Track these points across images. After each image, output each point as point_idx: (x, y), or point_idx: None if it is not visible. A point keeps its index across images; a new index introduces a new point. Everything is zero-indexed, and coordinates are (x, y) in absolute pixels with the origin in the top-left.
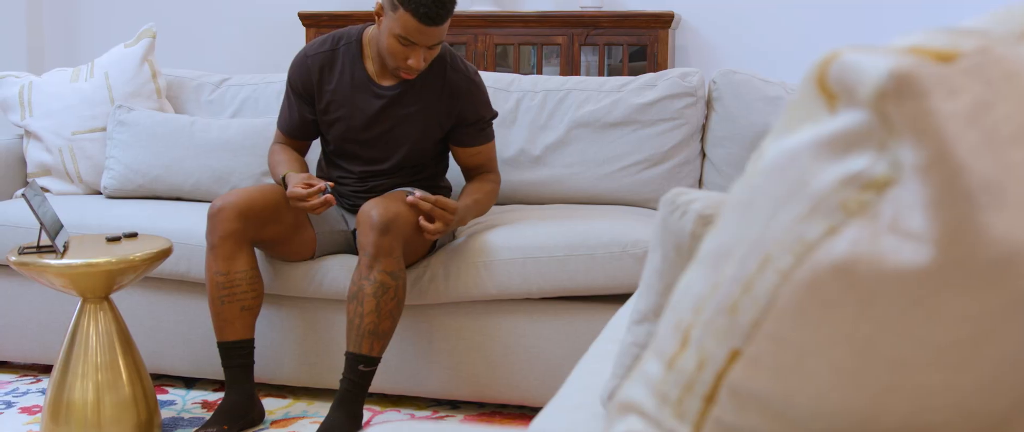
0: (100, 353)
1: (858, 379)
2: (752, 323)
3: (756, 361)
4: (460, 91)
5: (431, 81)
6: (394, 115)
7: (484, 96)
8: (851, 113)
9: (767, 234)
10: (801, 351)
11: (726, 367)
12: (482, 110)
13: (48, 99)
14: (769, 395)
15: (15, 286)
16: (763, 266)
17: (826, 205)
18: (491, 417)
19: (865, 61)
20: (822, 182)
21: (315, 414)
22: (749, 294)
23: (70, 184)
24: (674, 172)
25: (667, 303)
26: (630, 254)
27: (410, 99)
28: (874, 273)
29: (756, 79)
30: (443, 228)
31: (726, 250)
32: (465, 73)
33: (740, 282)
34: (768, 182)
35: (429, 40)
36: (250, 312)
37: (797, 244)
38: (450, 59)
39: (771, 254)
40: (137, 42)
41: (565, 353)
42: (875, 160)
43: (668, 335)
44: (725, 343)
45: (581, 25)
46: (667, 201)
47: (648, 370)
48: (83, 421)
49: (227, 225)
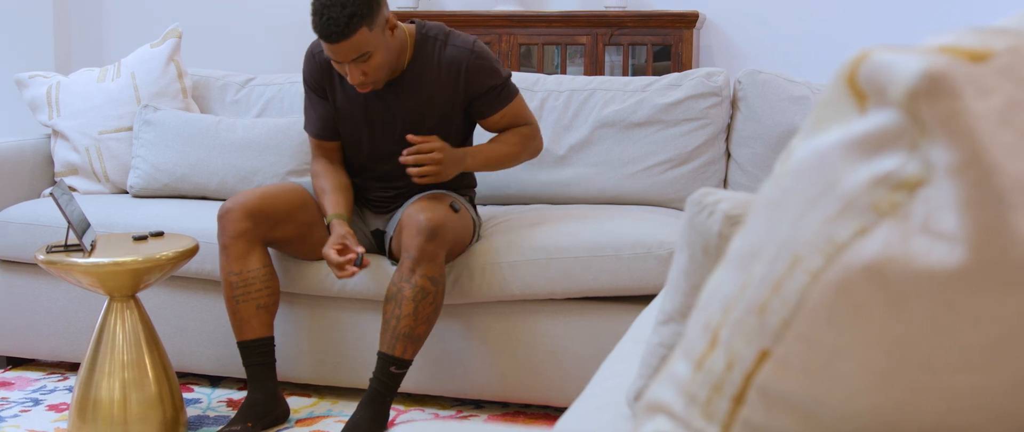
0: (127, 351)
1: (888, 380)
2: (781, 324)
3: (785, 362)
4: (460, 66)
5: (427, 66)
6: (396, 107)
7: (488, 62)
8: (882, 113)
9: (797, 234)
10: (831, 352)
11: (755, 368)
12: (490, 77)
13: (75, 99)
14: (798, 396)
15: (43, 285)
16: (793, 267)
17: (857, 205)
18: (515, 417)
19: (897, 61)
20: (853, 182)
21: (340, 413)
22: (778, 295)
23: (97, 183)
24: (699, 172)
25: (695, 303)
26: (655, 255)
27: (410, 89)
28: (905, 274)
29: (781, 79)
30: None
31: (755, 250)
32: (462, 46)
33: (769, 282)
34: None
35: (344, 55)
36: (266, 310)
37: (827, 244)
38: (443, 37)
39: (801, 255)
40: (163, 42)
41: (589, 353)
42: (906, 160)
43: (696, 335)
44: (754, 344)
45: (605, 25)
46: (694, 201)
47: (676, 370)
48: (110, 419)
49: (236, 225)
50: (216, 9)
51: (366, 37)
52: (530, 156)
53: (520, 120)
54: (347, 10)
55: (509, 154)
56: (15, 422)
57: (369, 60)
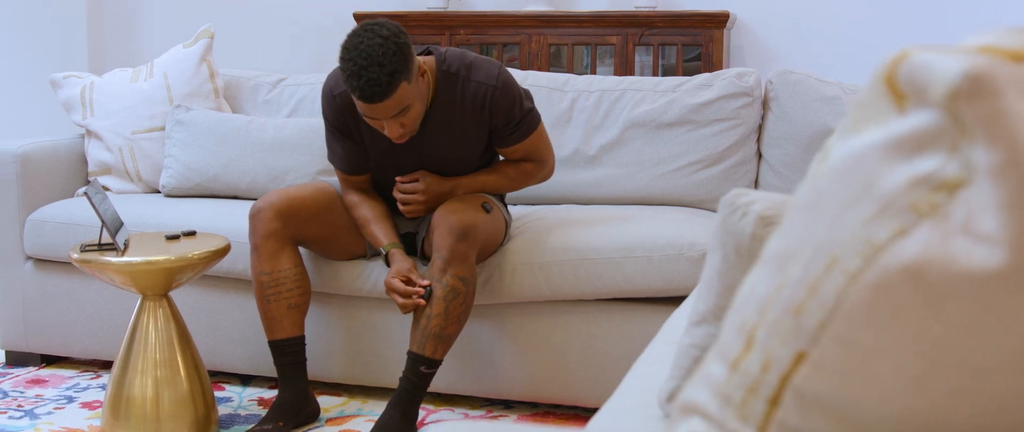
0: (159, 350)
1: (925, 382)
2: (818, 325)
3: (822, 363)
4: (482, 100)
5: (448, 99)
6: (423, 145)
7: (511, 95)
8: (922, 113)
9: (834, 235)
10: (868, 354)
11: (791, 369)
12: (511, 110)
13: (109, 99)
14: (835, 398)
15: (77, 283)
16: (830, 268)
17: (895, 206)
18: (544, 417)
19: (937, 61)
20: (891, 183)
21: (369, 412)
22: (815, 296)
23: (129, 183)
24: (730, 173)
25: (729, 304)
26: (686, 256)
27: (437, 126)
28: (945, 276)
29: (813, 79)
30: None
31: (791, 251)
32: (484, 81)
33: (806, 284)
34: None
35: (380, 114)
36: (297, 310)
37: (865, 246)
38: (466, 72)
39: (838, 256)
40: (195, 42)
41: (620, 354)
42: (946, 161)
43: (732, 337)
44: (790, 345)
45: (635, 25)
46: (727, 202)
47: (711, 372)
48: (142, 417)
49: (267, 225)
50: (248, 10)
51: (406, 91)
52: (530, 185)
53: (534, 154)
54: (387, 68)
55: (504, 186)
56: (49, 419)
57: (408, 112)
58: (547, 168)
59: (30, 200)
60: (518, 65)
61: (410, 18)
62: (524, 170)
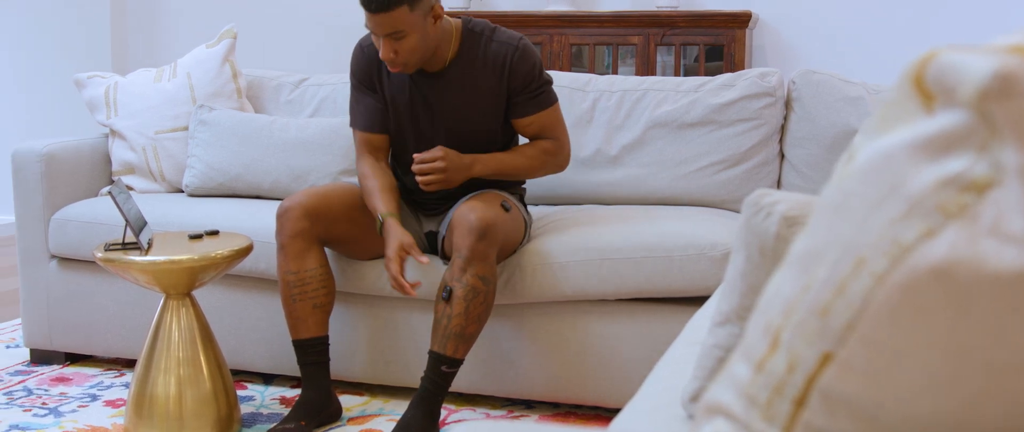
0: (182, 348)
1: (952, 384)
2: (845, 326)
3: (848, 364)
4: (503, 60)
5: (472, 60)
6: (440, 102)
7: (532, 60)
8: (951, 113)
9: (861, 236)
10: (895, 355)
11: (817, 370)
12: (531, 76)
13: (132, 99)
14: (861, 399)
15: (101, 282)
16: (857, 268)
17: (923, 207)
18: (565, 417)
19: (966, 61)
20: (919, 183)
21: (391, 411)
22: (842, 297)
23: (153, 182)
24: (752, 173)
25: (753, 305)
26: (708, 257)
27: (455, 84)
28: (973, 277)
29: (836, 79)
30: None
31: (817, 252)
32: (507, 42)
33: (832, 284)
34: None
35: (380, 28)
36: (322, 310)
37: (892, 246)
38: (489, 32)
39: (865, 256)
40: (218, 43)
41: (641, 355)
42: (975, 161)
43: (757, 337)
44: (816, 346)
45: (657, 25)
46: (751, 202)
47: (736, 372)
48: (165, 415)
49: (295, 225)
50: (270, 10)
51: (405, 16)
52: (549, 172)
53: (549, 132)
54: None
55: (522, 167)
56: (73, 417)
57: (403, 39)
58: (564, 152)
59: (55, 199)
60: None
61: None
62: (541, 148)
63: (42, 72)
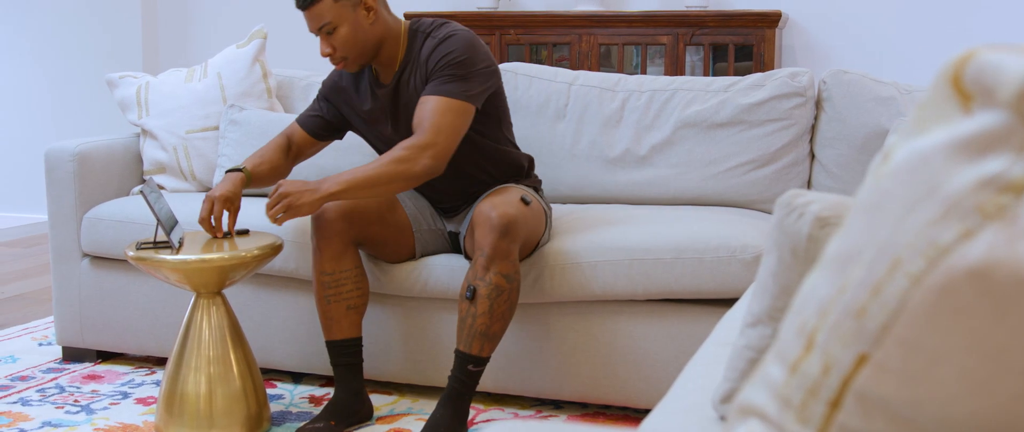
0: (212, 347)
1: (990, 386)
2: (881, 327)
3: (884, 366)
4: (429, 54)
5: (415, 60)
6: (398, 104)
7: (449, 48)
8: (989, 114)
9: (897, 237)
10: (931, 357)
11: (853, 372)
12: (443, 60)
13: (163, 99)
14: (897, 401)
15: (132, 280)
16: (893, 270)
17: (961, 208)
18: (594, 418)
19: (1005, 61)
20: (957, 184)
21: (420, 411)
22: (878, 298)
23: (184, 181)
24: (782, 173)
25: (785, 306)
26: (738, 259)
27: (404, 85)
28: (1011, 278)
29: (867, 79)
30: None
31: (853, 253)
32: (438, 37)
33: (868, 286)
34: (898, 184)
35: (312, 24)
36: (356, 311)
37: (929, 248)
38: (429, 30)
39: (901, 258)
40: (249, 43)
41: (670, 355)
42: (1014, 162)
43: (791, 339)
44: (852, 347)
45: (686, 25)
46: (783, 203)
47: (770, 374)
48: (196, 413)
49: (332, 226)
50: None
51: (329, 8)
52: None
53: (426, 120)
54: None
55: (374, 176)
56: (105, 414)
57: (334, 32)
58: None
59: (87, 198)
60: (568, 65)
61: (460, 18)
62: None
63: (74, 72)
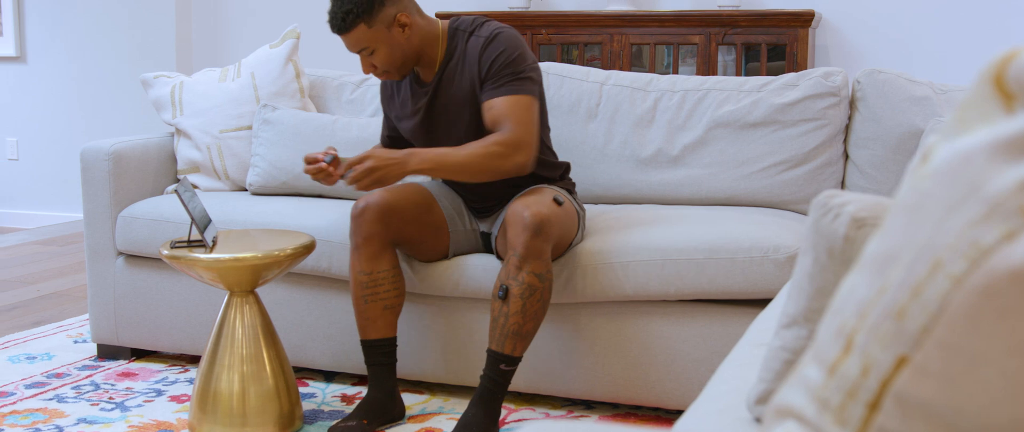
0: (246, 345)
1: None
2: (921, 329)
3: (925, 369)
4: (476, 53)
5: (456, 59)
6: (436, 105)
7: (502, 46)
8: None
9: (938, 238)
10: (973, 359)
11: (892, 374)
12: (496, 62)
13: (197, 98)
14: (938, 404)
15: (166, 279)
16: (934, 271)
17: (1004, 209)
18: (626, 418)
19: None
20: (999, 185)
21: (451, 410)
22: (918, 299)
23: (217, 181)
24: (816, 174)
25: (820, 307)
26: (771, 259)
27: (445, 85)
28: None
29: (902, 79)
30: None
31: (893, 254)
32: (483, 36)
33: (908, 287)
34: (938, 184)
35: (350, 47)
36: (392, 311)
37: (971, 249)
38: (471, 28)
39: (942, 259)
40: (282, 43)
41: (702, 356)
42: None
43: (829, 340)
44: (891, 349)
45: (718, 24)
46: (819, 203)
47: (807, 375)
48: (229, 411)
49: (371, 227)
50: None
51: (365, 33)
52: (499, 169)
53: (504, 120)
54: (345, 7)
55: (464, 161)
56: (139, 411)
57: (374, 54)
58: (517, 146)
59: (122, 197)
60: (599, 64)
61: (493, 17)
62: (491, 141)
63: (109, 72)
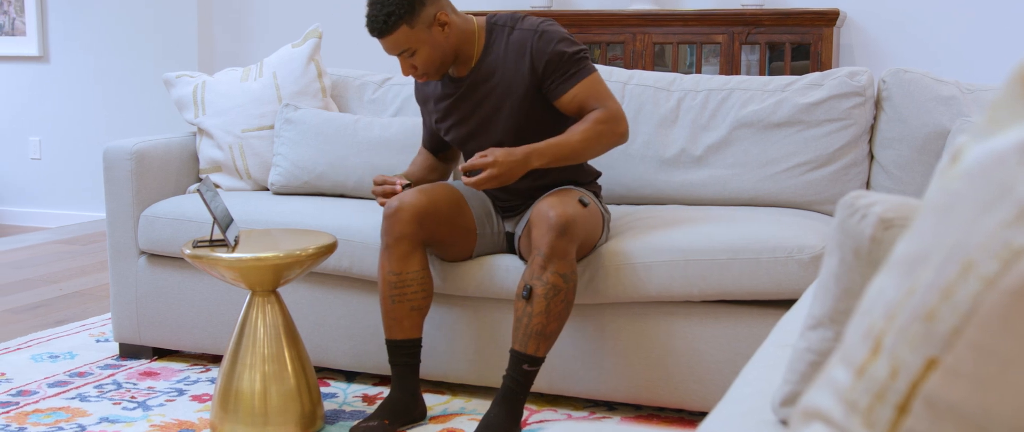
0: (267, 345)
1: None
2: (952, 331)
3: (955, 371)
4: (525, 46)
5: (495, 54)
6: (474, 100)
7: (553, 40)
8: None
9: (969, 239)
10: (1005, 361)
11: (922, 376)
12: (555, 54)
13: (220, 98)
14: (968, 407)
15: (188, 278)
16: (965, 272)
17: None
18: (648, 419)
19: None
20: None
21: (473, 411)
22: (948, 301)
23: (239, 180)
24: (840, 174)
25: (847, 308)
26: (795, 260)
27: (482, 80)
28: None
29: (928, 78)
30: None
31: (922, 255)
32: (528, 28)
33: (938, 289)
34: (969, 185)
35: (390, 50)
36: (419, 312)
37: (1003, 250)
38: (512, 23)
39: (973, 260)
40: (304, 42)
41: (725, 357)
42: None
43: (857, 342)
44: (921, 351)
45: (742, 24)
46: (846, 204)
47: (835, 377)
48: (251, 410)
49: (404, 227)
50: (355, 10)
51: (407, 34)
52: (610, 142)
53: (593, 102)
54: (386, 9)
55: (580, 143)
56: (161, 411)
57: (414, 55)
58: (616, 117)
59: (144, 196)
60: (622, 64)
61: None
62: (593, 119)
63: (131, 72)
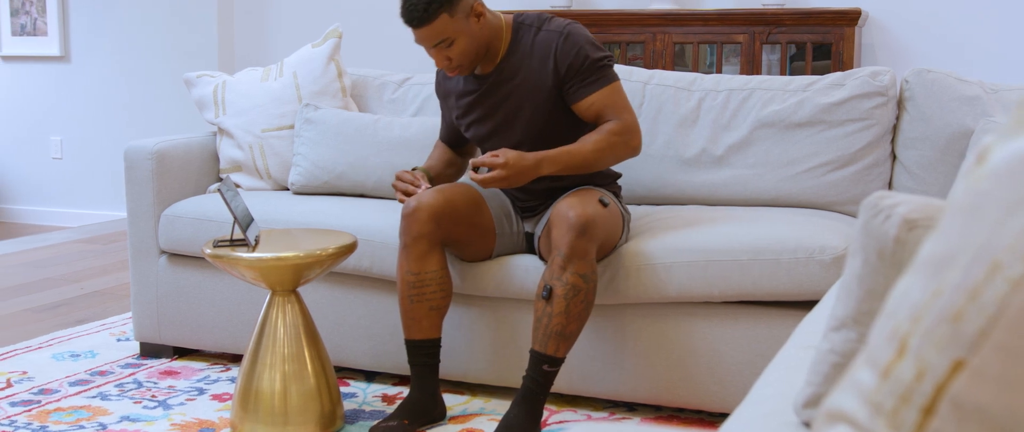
0: (287, 344)
1: None
2: (979, 332)
3: (982, 373)
4: (550, 47)
5: (520, 53)
6: (495, 97)
7: (578, 43)
8: None
9: (996, 240)
10: None
11: (948, 378)
12: (579, 59)
13: (240, 98)
14: (995, 409)
15: (208, 278)
16: (992, 273)
17: None
18: (668, 420)
19: None
20: None
21: (493, 411)
22: (975, 302)
23: (259, 180)
24: (862, 174)
25: (870, 309)
26: (816, 260)
27: (506, 78)
28: None
29: (952, 78)
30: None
31: (949, 256)
32: (554, 30)
33: (965, 290)
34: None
35: (427, 40)
36: (438, 312)
37: None
38: (538, 24)
39: (1001, 261)
40: (324, 42)
41: (746, 358)
42: None
43: (882, 343)
44: (947, 353)
45: (763, 23)
46: (869, 204)
47: (860, 379)
48: (271, 410)
49: (422, 227)
50: (375, 10)
51: (447, 23)
52: (622, 155)
53: (610, 112)
54: None
55: (591, 153)
56: (181, 410)
57: (451, 46)
58: (631, 130)
59: (165, 196)
60: (642, 64)
61: None
62: (606, 130)
63: (151, 71)
